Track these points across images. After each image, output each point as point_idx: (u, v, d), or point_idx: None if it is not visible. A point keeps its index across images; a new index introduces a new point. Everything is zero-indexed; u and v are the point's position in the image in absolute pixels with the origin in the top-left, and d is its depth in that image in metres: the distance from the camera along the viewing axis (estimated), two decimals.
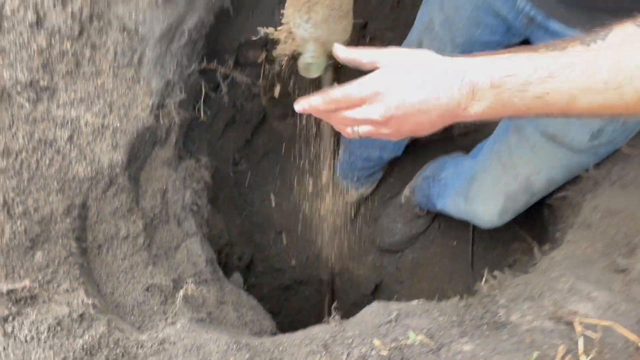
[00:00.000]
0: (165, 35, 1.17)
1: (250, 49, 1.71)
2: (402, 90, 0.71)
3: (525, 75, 0.67)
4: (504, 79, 0.68)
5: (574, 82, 0.66)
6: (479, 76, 0.69)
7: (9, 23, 0.96)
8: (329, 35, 0.78)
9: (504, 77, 0.68)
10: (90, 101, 1.05)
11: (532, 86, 0.67)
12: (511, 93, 0.69)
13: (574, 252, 0.94)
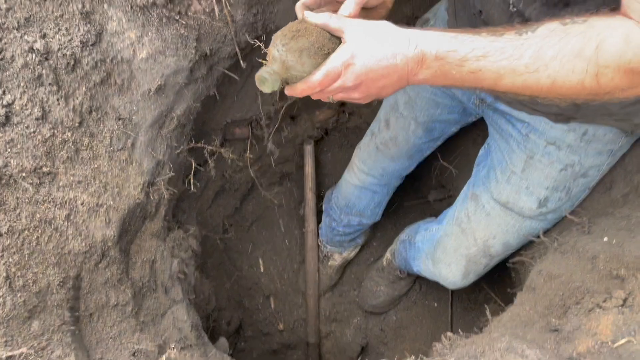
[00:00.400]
0: (156, 121, 1.32)
1: (237, 127, 1.86)
2: (367, 57, 0.82)
3: (464, 52, 0.81)
4: (447, 53, 0.81)
5: (502, 63, 0.79)
6: (428, 48, 0.82)
7: (17, 118, 1.10)
8: (295, 64, 0.83)
9: (447, 51, 0.81)
10: (87, 183, 1.18)
11: (468, 62, 0.81)
12: (451, 66, 0.82)
13: (519, 314, 1.03)
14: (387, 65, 0.81)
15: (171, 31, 1.21)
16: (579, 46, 0.74)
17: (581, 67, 0.75)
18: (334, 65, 0.82)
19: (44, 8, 1.10)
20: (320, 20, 0.85)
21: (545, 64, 0.77)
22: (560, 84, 0.77)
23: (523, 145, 1.21)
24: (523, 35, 0.78)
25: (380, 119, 1.60)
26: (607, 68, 0.74)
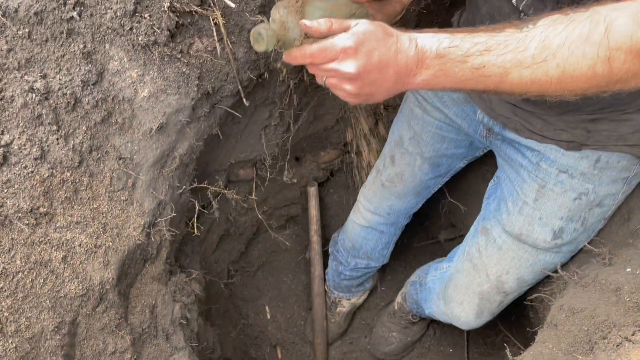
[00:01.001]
0: (158, 161, 1.29)
1: (241, 168, 1.84)
2: (369, 49, 0.78)
3: (466, 47, 0.77)
4: (448, 49, 0.78)
5: (507, 56, 0.76)
6: (428, 45, 0.78)
7: (15, 157, 1.09)
8: (295, 26, 0.79)
9: (448, 47, 0.78)
10: (86, 223, 1.15)
11: (471, 58, 0.77)
12: (453, 64, 0.78)
13: (541, 352, 0.97)
14: (387, 60, 0.78)
15: (173, 69, 1.21)
16: (587, 31, 0.71)
17: (591, 52, 0.72)
18: (334, 44, 0.78)
19: (46, 49, 1.10)
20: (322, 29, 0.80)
21: (552, 53, 0.74)
22: (571, 73, 0.74)
23: (534, 174, 1.17)
24: (524, 29, 0.76)
25: (385, 155, 1.58)
26: (619, 50, 0.70)
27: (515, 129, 1.17)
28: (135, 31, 1.13)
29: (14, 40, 1.07)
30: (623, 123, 1.06)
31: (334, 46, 0.78)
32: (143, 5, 1.11)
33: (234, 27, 1.26)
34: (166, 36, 1.15)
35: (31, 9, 1.06)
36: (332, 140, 2.14)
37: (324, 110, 1.92)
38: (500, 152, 1.29)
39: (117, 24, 1.11)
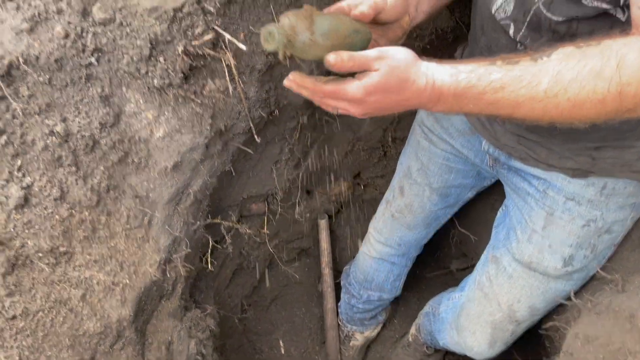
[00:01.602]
0: (173, 198, 1.33)
1: (253, 203, 1.87)
2: (377, 99, 0.82)
3: (482, 87, 0.80)
4: (465, 89, 0.81)
5: (520, 91, 0.79)
6: (446, 87, 0.82)
7: (35, 199, 1.12)
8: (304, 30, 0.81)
9: (465, 87, 0.81)
10: (104, 261, 1.17)
11: (487, 95, 0.81)
12: (469, 100, 0.82)
13: None
14: (397, 102, 0.83)
15: (187, 110, 1.25)
16: (598, 66, 0.74)
17: (602, 87, 0.74)
18: (345, 92, 0.82)
19: (65, 93, 1.15)
20: (347, 66, 0.83)
21: (564, 88, 0.77)
22: (581, 106, 0.77)
23: (542, 202, 1.19)
24: (538, 61, 0.79)
25: (394, 187, 1.60)
26: (630, 85, 0.73)
27: (521, 158, 1.19)
28: (150, 74, 1.18)
29: (35, 86, 1.12)
30: (627, 150, 1.08)
31: (345, 93, 0.82)
32: (158, 50, 1.16)
33: (245, 67, 1.30)
34: (180, 78, 1.20)
35: (51, 56, 1.11)
36: (342, 173, 2.17)
37: (334, 144, 1.95)
38: (508, 181, 1.31)
39: (133, 68, 1.16)
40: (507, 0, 0.98)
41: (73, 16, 1.11)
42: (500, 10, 1.00)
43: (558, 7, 0.89)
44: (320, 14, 0.85)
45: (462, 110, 0.86)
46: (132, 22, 1.13)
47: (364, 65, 0.80)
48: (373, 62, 0.80)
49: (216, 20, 1.20)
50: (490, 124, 1.22)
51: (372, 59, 0.80)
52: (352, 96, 0.82)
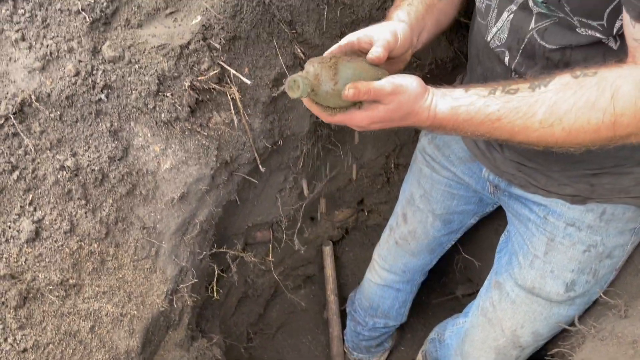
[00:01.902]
0: (179, 228, 1.35)
1: (258, 230, 1.89)
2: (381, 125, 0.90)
3: (480, 119, 0.86)
4: (464, 122, 0.87)
5: (516, 121, 0.84)
6: (446, 119, 0.88)
7: (46, 232, 1.15)
8: (328, 79, 0.86)
9: (464, 121, 0.87)
10: (112, 293, 1.19)
11: (483, 126, 0.87)
12: (466, 130, 0.89)
13: None
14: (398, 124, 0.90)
15: (193, 142, 1.28)
16: (593, 98, 0.78)
17: (597, 118, 0.78)
18: (353, 120, 0.89)
19: (76, 129, 1.18)
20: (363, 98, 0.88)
21: (559, 118, 0.80)
22: (575, 135, 0.81)
23: (542, 228, 1.21)
24: (536, 90, 0.83)
25: (397, 214, 1.62)
26: (624, 116, 0.77)
27: (521, 185, 1.22)
28: (158, 109, 1.21)
29: (46, 122, 1.16)
30: (624, 176, 1.10)
31: (350, 121, 0.90)
32: (166, 85, 1.20)
33: (250, 100, 1.34)
34: (187, 112, 1.24)
35: (63, 94, 1.15)
36: (346, 199, 2.19)
37: (337, 172, 1.98)
38: (509, 208, 1.33)
39: (141, 103, 1.20)
40: (502, 29, 1.01)
41: (84, 54, 1.15)
42: (495, 39, 1.03)
43: (552, 35, 0.92)
44: (344, 61, 0.89)
45: (461, 135, 0.93)
46: (140, 59, 1.18)
47: (376, 97, 0.86)
48: (386, 97, 0.86)
49: (221, 55, 1.24)
50: (489, 152, 1.25)
51: (387, 94, 0.85)
52: (357, 124, 0.89)
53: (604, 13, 0.83)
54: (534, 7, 0.92)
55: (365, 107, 0.88)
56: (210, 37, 1.21)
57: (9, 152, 1.12)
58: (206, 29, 1.20)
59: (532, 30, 0.94)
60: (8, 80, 1.14)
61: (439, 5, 1.12)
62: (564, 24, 0.89)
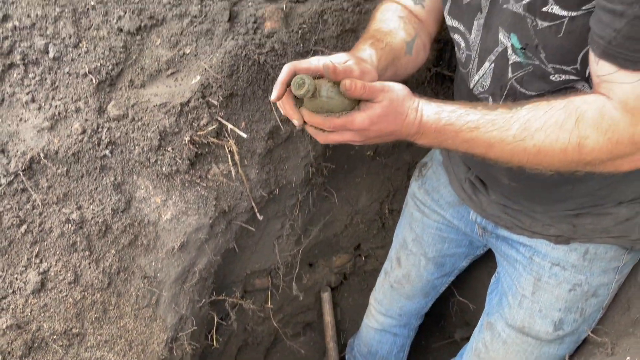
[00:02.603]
0: (179, 277, 1.39)
1: (257, 278, 1.92)
2: (379, 127, 0.92)
3: (459, 125, 0.91)
4: (444, 126, 0.92)
5: (492, 133, 0.89)
6: (430, 122, 0.92)
7: (51, 283, 1.19)
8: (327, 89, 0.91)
9: (444, 125, 0.92)
10: (113, 341, 1.23)
11: (463, 133, 0.91)
12: (447, 136, 0.93)
13: None
14: (392, 130, 0.93)
15: (193, 193, 1.34)
16: (561, 119, 0.85)
17: (564, 137, 0.85)
18: (353, 124, 0.91)
19: (81, 184, 1.25)
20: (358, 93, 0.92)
21: (531, 135, 0.87)
22: (545, 153, 0.87)
23: (529, 268, 1.25)
24: (513, 109, 0.90)
25: (391, 258, 1.66)
26: (587, 138, 0.83)
27: (507, 227, 1.27)
28: (159, 163, 1.28)
29: (53, 178, 1.23)
30: (605, 217, 1.15)
31: (353, 124, 0.92)
32: (167, 140, 1.27)
33: (246, 152, 1.41)
34: (187, 165, 1.30)
35: (69, 151, 1.22)
36: (343, 245, 2.23)
37: (333, 217, 2.03)
38: (497, 249, 1.38)
39: (144, 157, 1.27)
40: (484, 76, 1.08)
41: (90, 114, 1.23)
42: (478, 86, 1.11)
43: (529, 83, 1.00)
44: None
45: (442, 145, 0.96)
46: (143, 117, 1.25)
47: (371, 93, 0.90)
48: (379, 92, 0.91)
49: (219, 112, 1.32)
50: (475, 195, 1.31)
51: (378, 90, 0.91)
52: (359, 126, 0.92)
53: (578, 57, 0.90)
54: (510, 56, 0.99)
55: (363, 107, 0.92)
56: (208, 94, 1.29)
57: (17, 206, 1.18)
58: (205, 88, 1.28)
59: (511, 79, 1.02)
60: (18, 139, 1.21)
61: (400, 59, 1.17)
62: (538, 73, 0.97)
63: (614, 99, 0.82)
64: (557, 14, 0.87)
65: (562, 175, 1.08)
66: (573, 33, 0.87)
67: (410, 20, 1.18)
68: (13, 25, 1.22)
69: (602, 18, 0.79)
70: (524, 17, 0.92)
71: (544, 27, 0.89)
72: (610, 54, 0.80)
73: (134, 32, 1.29)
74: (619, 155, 0.85)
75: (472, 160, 1.28)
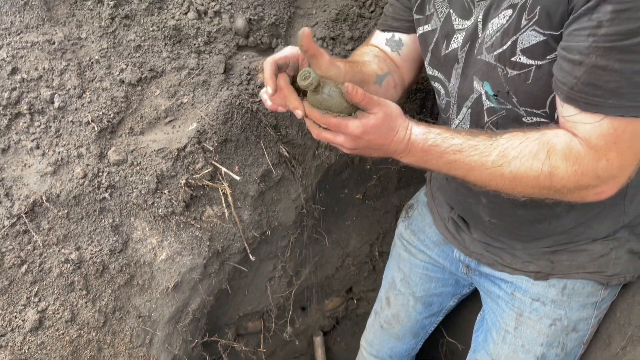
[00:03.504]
0: (173, 317, 1.43)
1: (249, 320, 1.95)
2: (370, 138, 0.98)
3: (444, 147, 0.98)
4: (430, 147, 0.99)
5: (473, 157, 0.97)
6: (417, 142, 0.99)
7: (49, 322, 1.23)
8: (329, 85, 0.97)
9: (431, 146, 0.99)
10: None
11: (447, 155, 0.98)
12: (431, 156, 1.00)
13: None
14: (382, 144, 1.00)
15: (188, 234, 1.40)
16: (535, 149, 0.93)
17: (537, 166, 0.93)
18: (347, 127, 0.97)
19: (80, 225, 1.30)
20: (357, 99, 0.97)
21: (508, 162, 0.95)
22: (520, 179, 0.95)
23: (511, 304, 1.30)
24: (493, 137, 0.98)
25: (381, 298, 1.70)
26: (558, 168, 0.91)
27: (489, 264, 1.33)
28: (156, 205, 1.34)
29: (54, 220, 1.28)
30: (580, 253, 1.21)
31: (346, 127, 0.98)
32: (164, 184, 1.34)
33: (240, 194, 1.48)
34: (182, 207, 1.36)
35: (71, 194, 1.28)
36: (335, 288, 2.26)
37: (324, 260, 2.08)
38: (481, 286, 1.43)
39: (141, 200, 1.33)
40: (463, 120, 1.17)
41: (91, 159, 1.30)
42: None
43: (504, 126, 1.08)
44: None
45: (426, 164, 1.03)
46: (142, 162, 1.32)
47: (368, 103, 0.97)
48: (375, 105, 0.98)
49: (214, 156, 1.39)
50: (459, 234, 1.37)
51: (375, 102, 0.98)
52: (352, 131, 0.98)
53: (546, 102, 0.99)
54: (485, 102, 1.08)
55: (359, 115, 0.99)
56: (204, 140, 1.37)
57: (19, 247, 1.23)
58: (201, 134, 1.36)
59: (487, 122, 1.10)
60: (22, 183, 1.28)
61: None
62: (512, 116, 1.05)
63: (579, 136, 0.90)
64: (525, 63, 0.96)
65: (539, 213, 1.16)
66: (540, 80, 0.96)
67: (386, 61, 1.27)
68: (21, 77, 1.31)
69: (563, 66, 0.88)
70: (495, 66, 1.01)
71: (513, 75, 0.98)
72: (572, 98, 0.89)
73: (135, 83, 1.38)
74: (584, 186, 0.92)
75: (455, 200, 1.35)
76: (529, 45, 0.94)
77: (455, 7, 1.10)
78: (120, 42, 1.40)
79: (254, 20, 1.53)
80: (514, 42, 0.96)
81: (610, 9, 0.79)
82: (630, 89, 0.83)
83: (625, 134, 0.86)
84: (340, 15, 1.66)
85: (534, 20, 0.91)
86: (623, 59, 0.81)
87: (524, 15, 0.93)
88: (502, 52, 0.98)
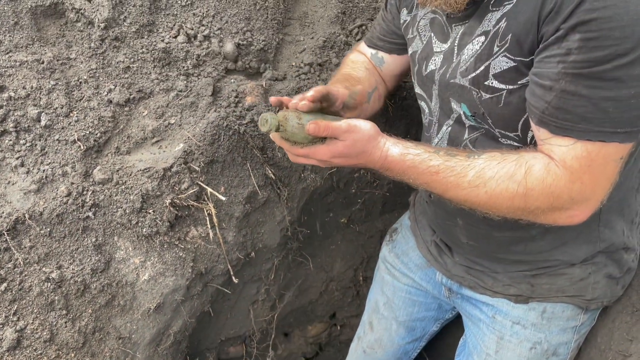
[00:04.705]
0: (154, 339, 1.41)
1: (231, 345, 1.93)
2: (339, 162, 1.04)
3: (422, 169, 1.02)
4: (409, 168, 1.03)
5: (450, 178, 1.00)
6: (394, 162, 1.03)
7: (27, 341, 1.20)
8: (293, 120, 1.02)
9: (409, 167, 1.03)
10: None
11: (424, 176, 1.02)
12: (409, 176, 1.04)
13: None
14: (355, 164, 1.05)
15: (171, 254, 1.39)
16: (512, 171, 0.96)
17: (513, 187, 0.95)
18: (315, 154, 1.04)
19: (63, 244, 1.29)
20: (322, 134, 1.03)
21: (484, 182, 0.97)
22: (495, 199, 0.97)
23: (492, 326, 1.31)
24: (471, 157, 1.00)
25: (364, 322, 1.70)
26: (533, 190, 0.94)
27: (470, 287, 1.34)
28: (140, 224, 1.34)
29: (36, 238, 1.27)
30: (560, 277, 1.23)
31: (315, 155, 1.05)
32: (148, 203, 1.34)
33: (225, 215, 1.48)
34: (167, 227, 1.36)
35: (54, 212, 1.28)
36: (318, 313, 2.25)
37: (308, 284, 2.07)
38: (462, 310, 1.44)
39: (125, 219, 1.33)
40: (442, 139, 1.20)
41: (76, 177, 1.30)
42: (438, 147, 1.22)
43: (481, 144, 1.11)
44: (306, 114, 1.08)
45: (405, 181, 1.08)
46: (127, 181, 1.33)
47: (333, 133, 1.02)
48: (342, 134, 1.02)
49: (200, 176, 1.40)
50: (441, 257, 1.39)
51: (342, 131, 1.02)
52: (321, 157, 1.04)
53: (518, 125, 1.03)
54: (466, 121, 1.12)
55: (327, 142, 1.03)
56: (190, 161, 1.38)
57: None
58: (187, 154, 1.37)
59: (466, 140, 1.14)
60: (4, 201, 1.27)
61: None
62: (489, 135, 1.09)
63: (555, 158, 0.93)
64: (497, 87, 1.00)
65: (514, 235, 1.18)
66: (511, 104, 1.00)
67: (373, 74, 1.38)
68: (9, 95, 1.31)
69: (535, 91, 0.92)
70: (470, 89, 1.05)
71: (487, 98, 1.02)
72: (544, 122, 0.92)
73: (123, 103, 1.39)
74: (558, 208, 0.95)
75: (436, 223, 1.37)
76: (500, 71, 0.98)
77: (435, 30, 1.15)
78: (109, 63, 1.42)
79: (242, 45, 1.57)
80: (486, 67, 1.00)
81: (579, 37, 0.83)
82: (598, 115, 0.86)
83: (598, 157, 0.89)
84: (328, 43, 1.70)
85: (505, 47, 0.96)
86: (591, 85, 0.85)
87: (496, 42, 0.97)
88: (476, 76, 1.02)
